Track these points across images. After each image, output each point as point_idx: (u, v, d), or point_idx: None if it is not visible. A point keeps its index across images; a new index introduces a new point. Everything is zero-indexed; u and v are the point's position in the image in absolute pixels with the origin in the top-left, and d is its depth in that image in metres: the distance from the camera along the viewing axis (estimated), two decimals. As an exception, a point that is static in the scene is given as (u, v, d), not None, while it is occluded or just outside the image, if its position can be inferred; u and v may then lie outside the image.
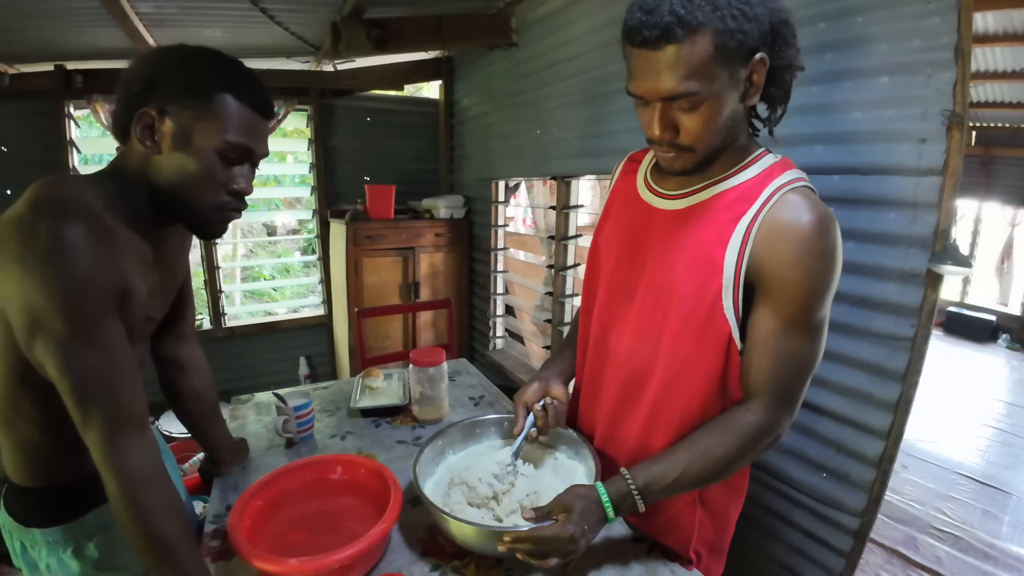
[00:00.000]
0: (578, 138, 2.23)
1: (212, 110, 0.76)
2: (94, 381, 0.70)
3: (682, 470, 0.81)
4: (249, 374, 3.42)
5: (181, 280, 1.02)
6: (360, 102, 3.42)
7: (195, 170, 0.77)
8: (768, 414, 0.81)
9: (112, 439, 0.70)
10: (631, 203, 0.97)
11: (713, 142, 0.79)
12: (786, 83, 0.80)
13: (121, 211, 0.78)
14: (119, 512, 0.71)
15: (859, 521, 1.28)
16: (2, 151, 2.72)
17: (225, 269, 3.37)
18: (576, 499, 0.80)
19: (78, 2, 1.97)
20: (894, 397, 1.19)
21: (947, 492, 2.67)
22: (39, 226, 0.66)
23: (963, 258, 1.06)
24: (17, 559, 0.87)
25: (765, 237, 0.78)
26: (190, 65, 0.77)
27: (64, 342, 0.68)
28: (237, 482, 1.14)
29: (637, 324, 0.92)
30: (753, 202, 0.79)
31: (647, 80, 0.73)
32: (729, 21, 0.68)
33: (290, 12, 2.34)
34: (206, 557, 0.91)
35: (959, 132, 1.07)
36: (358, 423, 1.42)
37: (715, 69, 0.71)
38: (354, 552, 0.79)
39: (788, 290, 0.77)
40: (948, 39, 1.07)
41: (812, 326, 0.79)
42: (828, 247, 0.77)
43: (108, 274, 0.71)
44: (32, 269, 0.65)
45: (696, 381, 0.86)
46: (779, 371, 0.80)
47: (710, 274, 0.81)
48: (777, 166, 0.83)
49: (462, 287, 3.37)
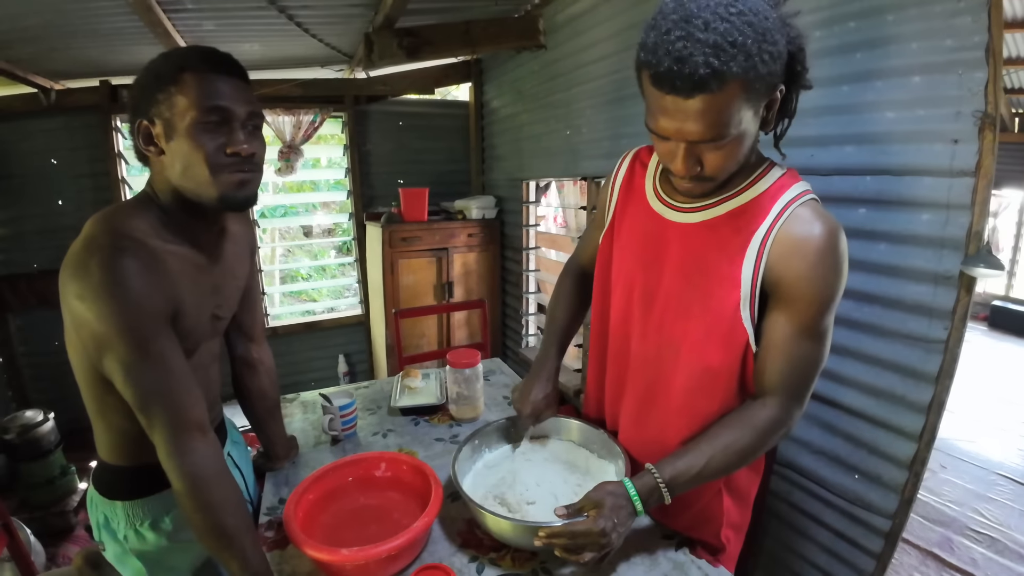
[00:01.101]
0: (608, 138, 2.25)
1: (176, 92, 0.80)
2: (154, 392, 0.79)
3: (704, 463, 0.86)
4: (292, 371, 3.58)
5: (244, 279, 1.09)
6: (393, 107, 3.52)
7: (189, 148, 0.81)
8: (782, 409, 0.87)
9: (174, 442, 0.79)
10: (642, 210, 1.00)
11: (732, 171, 0.83)
12: (794, 101, 0.84)
13: (166, 227, 0.87)
14: (185, 507, 0.80)
15: (890, 523, 1.29)
16: (52, 163, 2.89)
17: (267, 271, 3.52)
18: (605, 495, 0.84)
19: (123, 22, 2.10)
20: (927, 399, 1.19)
21: (985, 493, 2.60)
22: (91, 265, 0.76)
23: (996, 260, 1.05)
24: (98, 531, 0.97)
25: (780, 252, 0.82)
26: (149, 69, 0.83)
27: (125, 361, 0.78)
28: (288, 476, 1.23)
29: (659, 332, 0.96)
30: (765, 216, 0.83)
31: (674, 123, 0.73)
32: (760, 67, 0.69)
33: (324, 24, 2.42)
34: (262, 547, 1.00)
35: (991, 133, 1.06)
36: (398, 421, 1.49)
37: (743, 113, 0.72)
38: (400, 543, 0.86)
39: (804, 301, 0.82)
40: (979, 38, 1.05)
41: (823, 331, 0.84)
42: (839, 259, 0.81)
43: (156, 298, 0.80)
44: (90, 303, 0.76)
45: (717, 386, 0.91)
46: (793, 371, 0.85)
47: (728, 288, 0.85)
48: (785, 179, 0.86)
49: (495, 286, 3.44)
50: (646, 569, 0.93)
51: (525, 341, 3.34)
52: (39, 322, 2.92)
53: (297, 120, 3.18)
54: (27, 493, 2.43)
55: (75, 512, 2.48)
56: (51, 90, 2.79)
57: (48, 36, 2.18)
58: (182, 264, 0.88)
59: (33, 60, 2.45)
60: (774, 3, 0.75)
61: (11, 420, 2.45)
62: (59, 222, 2.91)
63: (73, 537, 2.41)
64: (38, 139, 2.86)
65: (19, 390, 2.95)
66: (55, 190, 2.91)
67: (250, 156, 0.86)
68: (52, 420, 2.51)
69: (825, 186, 1.34)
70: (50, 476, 2.46)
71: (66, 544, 2.36)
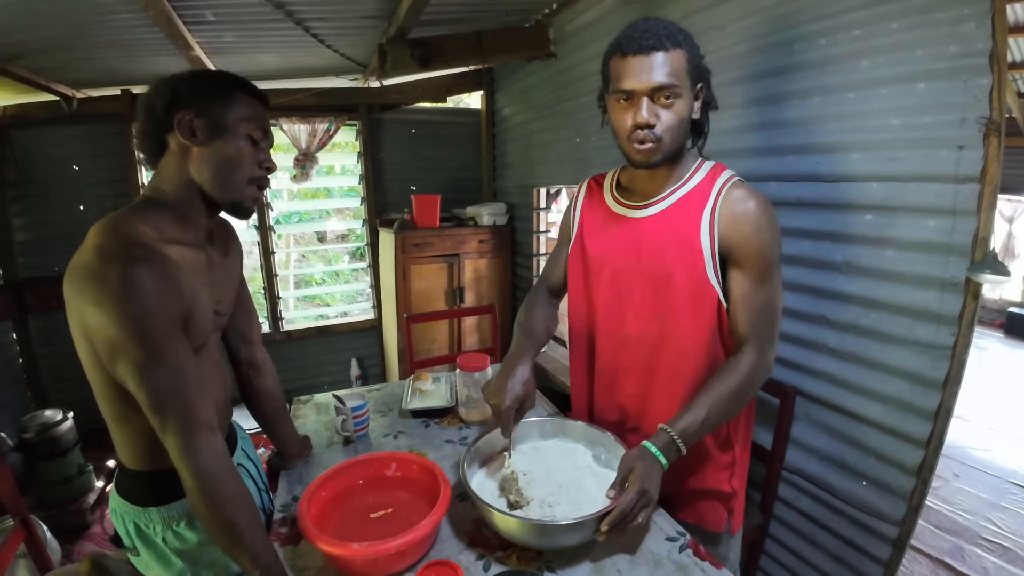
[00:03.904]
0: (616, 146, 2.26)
1: (234, 104, 0.92)
2: (168, 393, 0.81)
3: (707, 413, 1.00)
4: (305, 375, 3.63)
5: (237, 280, 1.15)
6: (405, 115, 3.58)
7: (233, 151, 0.92)
8: (757, 351, 1.04)
9: (186, 442, 0.81)
10: (606, 215, 1.18)
11: (676, 139, 1.02)
12: (707, 116, 1.10)
13: (173, 229, 0.91)
14: (196, 504, 0.83)
15: (898, 530, 1.28)
16: (74, 169, 2.97)
17: (281, 276, 3.58)
18: (635, 461, 0.97)
19: (145, 34, 2.16)
20: (934, 406, 1.19)
21: (999, 502, 2.56)
22: (109, 274, 0.78)
23: (1001, 267, 1.06)
24: (131, 539, 0.98)
25: (727, 222, 1.03)
26: (204, 76, 0.95)
27: (139, 364, 0.80)
28: (301, 475, 1.26)
29: (641, 311, 1.13)
30: (708, 197, 1.05)
31: (639, 77, 0.96)
32: (695, 50, 1.00)
33: (339, 35, 2.48)
34: (275, 541, 1.03)
35: (996, 139, 1.06)
36: (409, 423, 1.52)
37: (685, 77, 0.98)
38: (409, 539, 0.88)
39: (753, 257, 1.02)
40: (983, 45, 1.06)
41: (772, 277, 1.04)
42: (770, 219, 1.03)
43: (170, 302, 0.84)
44: (107, 310, 0.78)
45: (699, 343, 1.08)
46: (760, 318, 1.04)
47: (694, 257, 1.05)
48: (716, 168, 1.09)
49: (505, 291, 3.47)
50: (650, 570, 0.94)
51: (535, 347, 3.36)
52: (58, 324, 2.96)
53: (312, 128, 3.24)
54: (44, 491, 2.48)
55: (91, 510, 2.53)
56: (73, 98, 2.87)
57: (71, 47, 2.25)
58: (188, 263, 0.92)
59: (56, 69, 2.53)
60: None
61: (30, 419, 2.51)
62: (80, 227, 2.91)
63: (89, 535, 2.46)
64: (60, 146, 2.94)
65: (38, 390, 3.02)
66: (76, 196, 2.98)
67: (271, 172, 0.99)
68: (71, 420, 2.57)
69: (831, 193, 1.36)
70: (67, 475, 2.52)
71: (82, 541, 2.41)
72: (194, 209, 0.95)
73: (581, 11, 2.41)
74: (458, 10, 2.41)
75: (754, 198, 1.03)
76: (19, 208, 2.92)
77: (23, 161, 2.89)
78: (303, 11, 2.12)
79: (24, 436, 2.46)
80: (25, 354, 2.99)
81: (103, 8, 1.88)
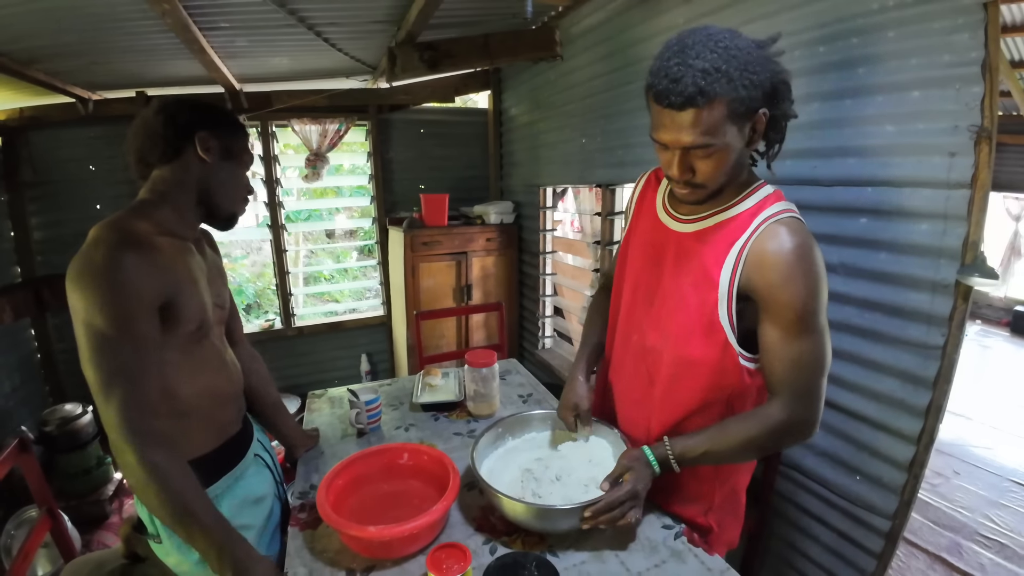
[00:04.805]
0: (621, 147, 2.31)
1: (239, 137, 1.10)
2: (123, 370, 0.85)
3: (708, 446, 0.98)
4: (317, 369, 3.71)
5: (226, 277, 1.23)
6: (414, 115, 3.63)
7: (239, 174, 1.12)
8: (786, 408, 0.94)
9: (135, 425, 0.84)
10: (652, 221, 1.13)
11: (722, 180, 0.95)
12: (782, 128, 0.96)
13: (169, 224, 1.00)
14: (136, 480, 0.84)
15: (890, 523, 1.33)
16: (91, 170, 3.05)
17: (292, 273, 3.65)
18: (632, 461, 1.01)
19: (161, 40, 2.22)
20: (925, 403, 1.23)
21: (998, 500, 2.60)
22: (95, 256, 0.86)
23: (991, 270, 1.10)
24: (154, 527, 1.03)
25: (754, 262, 0.93)
26: (219, 109, 1.09)
27: (104, 334, 0.84)
28: (318, 465, 1.32)
29: (655, 326, 1.09)
30: (744, 230, 0.95)
31: (671, 133, 0.87)
32: (740, 91, 0.82)
33: (349, 39, 2.53)
34: (294, 527, 1.09)
35: (987, 146, 1.10)
36: (419, 416, 1.58)
37: (726, 127, 0.85)
38: (421, 523, 0.95)
39: (779, 307, 0.91)
40: (976, 54, 1.10)
41: (808, 332, 0.91)
42: (808, 269, 0.90)
43: (150, 284, 0.89)
44: (84, 286, 0.85)
45: (698, 376, 1.02)
46: (788, 371, 0.93)
47: (708, 288, 0.98)
48: (770, 198, 0.97)
49: (512, 289, 3.52)
50: (646, 555, 1.00)
51: (541, 343, 3.41)
52: (75, 321, 3.07)
53: (323, 129, 3.30)
54: (64, 483, 2.56)
55: (109, 501, 2.61)
56: (89, 100, 2.94)
57: (88, 51, 2.30)
58: (182, 253, 1.00)
59: (72, 72, 2.59)
60: (760, 44, 0.88)
61: (51, 413, 2.59)
62: (97, 226, 3.05)
63: (107, 524, 2.55)
64: (77, 147, 3.01)
65: (56, 385, 3.11)
66: (93, 195, 3.05)
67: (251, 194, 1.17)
68: (90, 413, 2.65)
69: (827, 196, 1.40)
70: (87, 467, 2.60)
71: (101, 532, 2.49)
72: (190, 211, 1.05)
73: (587, 14, 2.45)
74: (466, 13, 2.46)
75: (793, 241, 0.90)
76: (36, 208, 3.00)
77: (40, 162, 2.96)
78: (315, 17, 2.17)
79: (44, 429, 2.53)
80: (43, 350, 3.07)
81: (121, 15, 1.94)
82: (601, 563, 0.98)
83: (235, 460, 1.10)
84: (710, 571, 0.96)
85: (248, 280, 5.41)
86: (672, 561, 0.98)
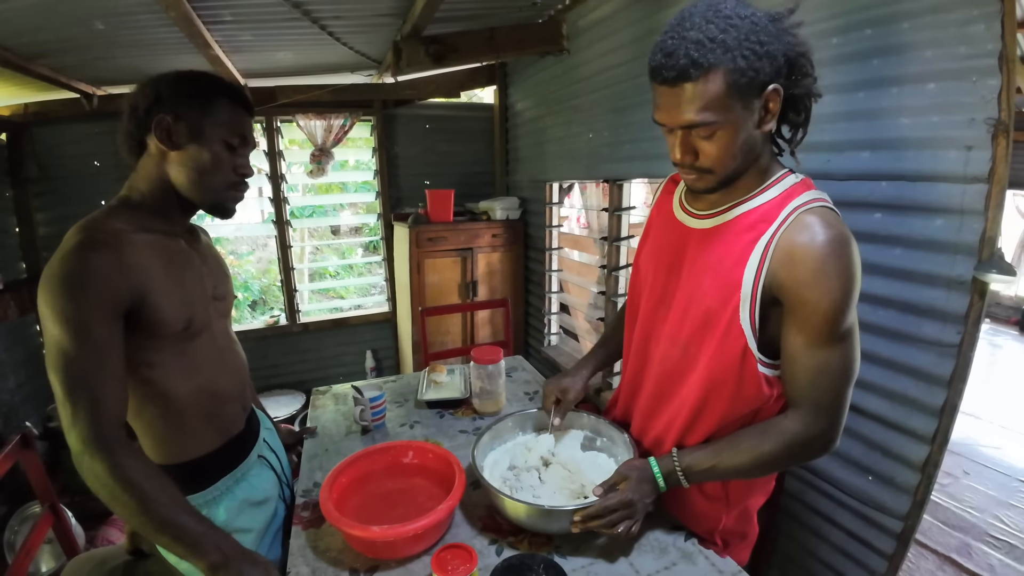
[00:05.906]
0: (629, 142, 2.29)
1: (213, 110, 0.94)
2: (84, 380, 0.80)
3: (717, 460, 0.92)
4: (322, 366, 3.70)
5: (227, 270, 1.18)
6: (419, 110, 3.61)
7: (208, 157, 0.95)
8: (805, 421, 0.87)
9: (100, 437, 0.80)
10: (668, 222, 1.07)
11: (731, 164, 0.86)
12: (805, 108, 0.87)
13: (148, 222, 0.95)
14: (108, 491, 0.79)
15: (902, 524, 1.30)
16: (95, 165, 3.05)
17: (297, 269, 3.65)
18: (632, 470, 0.96)
19: (165, 34, 2.21)
20: (940, 402, 1.21)
21: (1008, 500, 2.57)
22: (55, 263, 0.83)
23: (1008, 266, 1.07)
24: None
25: (782, 258, 0.84)
26: (188, 79, 0.96)
27: (60, 345, 0.81)
28: (322, 462, 1.31)
29: (670, 332, 1.02)
30: (772, 223, 0.86)
31: (669, 111, 0.82)
32: (740, 61, 0.75)
33: (354, 33, 2.52)
34: (297, 525, 1.08)
35: (1005, 140, 1.07)
36: (424, 414, 1.57)
37: (728, 102, 0.78)
38: (426, 523, 0.93)
39: (808, 309, 0.83)
40: (992, 46, 1.07)
41: (836, 339, 0.84)
42: (843, 266, 0.81)
43: (109, 285, 0.83)
44: (45, 295, 0.82)
45: (720, 387, 0.94)
46: (811, 382, 0.86)
47: (730, 290, 0.89)
48: (797, 187, 0.89)
49: (518, 285, 3.50)
50: (655, 557, 0.98)
51: (547, 340, 3.40)
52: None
53: (328, 124, 3.29)
54: (68, 478, 2.55)
55: (116, 497, 2.61)
56: (93, 96, 2.93)
57: (92, 46, 2.30)
58: (162, 249, 0.95)
59: (76, 68, 2.58)
60: (775, 16, 0.81)
61: (55, 409, 2.59)
62: (103, 222, 3.06)
63: (112, 520, 2.55)
64: (81, 142, 3.01)
65: (61, 381, 3.12)
66: (98, 191, 3.05)
67: (248, 177, 1.02)
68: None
69: (841, 191, 1.36)
70: (93, 462, 2.60)
71: (105, 527, 2.49)
72: (170, 208, 0.99)
73: (594, 7, 2.42)
74: (472, 7, 2.43)
75: (827, 234, 0.81)
76: (41, 203, 3.00)
77: (45, 157, 2.96)
78: (320, 10, 2.15)
79: (49, 425, 2.54)
80: (50, 345, 3.08)
81: (124, 9, 1.93)
82: (610, 565, 0.96)
83: (237, 460, 1.08)
84: (721, 573, 0.94)
85: (253, 276, 5.42)
86: (683, 563, 0.97)
